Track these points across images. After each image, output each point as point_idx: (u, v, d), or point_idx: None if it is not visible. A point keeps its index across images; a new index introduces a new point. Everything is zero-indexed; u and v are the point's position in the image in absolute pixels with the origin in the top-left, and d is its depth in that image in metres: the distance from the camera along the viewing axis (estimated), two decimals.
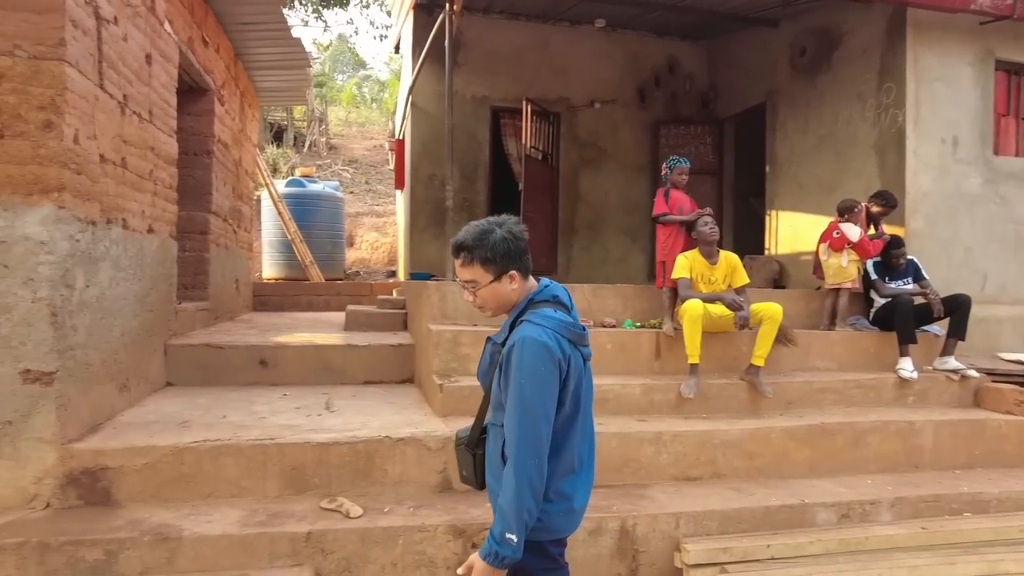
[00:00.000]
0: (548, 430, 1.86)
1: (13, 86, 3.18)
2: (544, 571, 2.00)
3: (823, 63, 7.25)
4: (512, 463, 1.84)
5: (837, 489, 3.98)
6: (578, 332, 1.98)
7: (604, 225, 9.19)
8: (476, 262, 1.96)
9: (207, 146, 6.31)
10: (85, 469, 3.27)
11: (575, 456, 1.97)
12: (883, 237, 5.55)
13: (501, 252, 1.94)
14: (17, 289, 3.18)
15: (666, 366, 4.80)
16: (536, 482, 1.83)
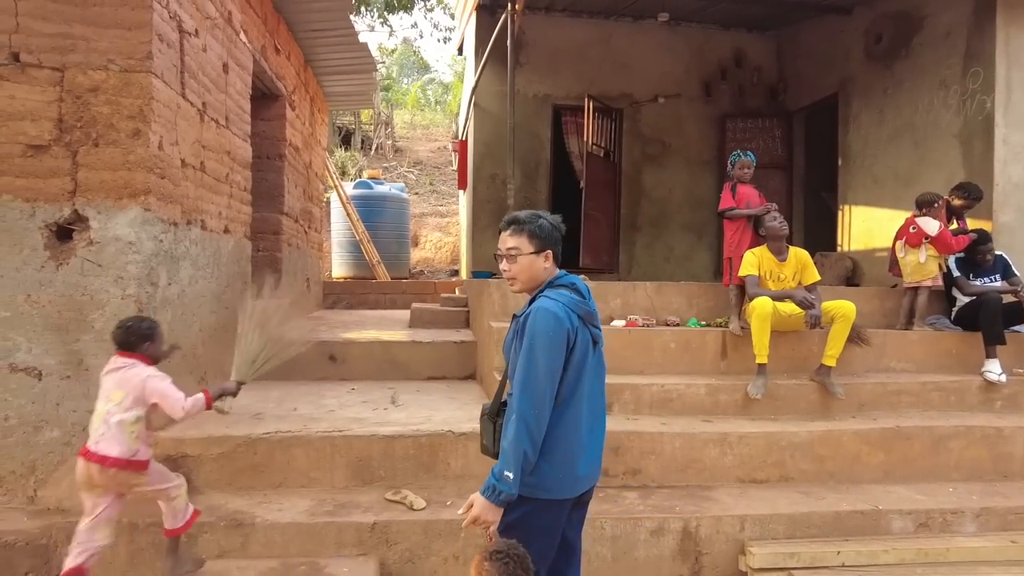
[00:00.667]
0: (550, 388, 2.06)
1: (107, 97, 3.41)
2: (539, 529, 2.13)
3: (901, 49, 6.90)
4: (515, 410, 2.05)
5: (914, 496, 3.80)
6: (588, 311, 2.19)
7: (668, 222, 9.05)
8: (525, 233, 2.22)
9: (279, 150, 6.57)
10: (168, 456, 3.48)
11: (576, 425, 2.14)
12: (967, 233, 5.24)
13: (547, 232, 2.23)
14: (109, 286, 3.41)
15: (732, 366, 4.69)
16: (534, 429, 2.03)
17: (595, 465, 2.26)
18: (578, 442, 2.16)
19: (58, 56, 3.38)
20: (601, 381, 2.27)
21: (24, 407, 3.38)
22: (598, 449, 2.27)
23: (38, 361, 3.38)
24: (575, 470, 2.15)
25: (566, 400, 2.13)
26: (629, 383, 4.30)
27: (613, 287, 5.26)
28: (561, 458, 2.13)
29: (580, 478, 2.19)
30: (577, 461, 2.16)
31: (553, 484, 2.13)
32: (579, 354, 2.13)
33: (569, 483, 2.16)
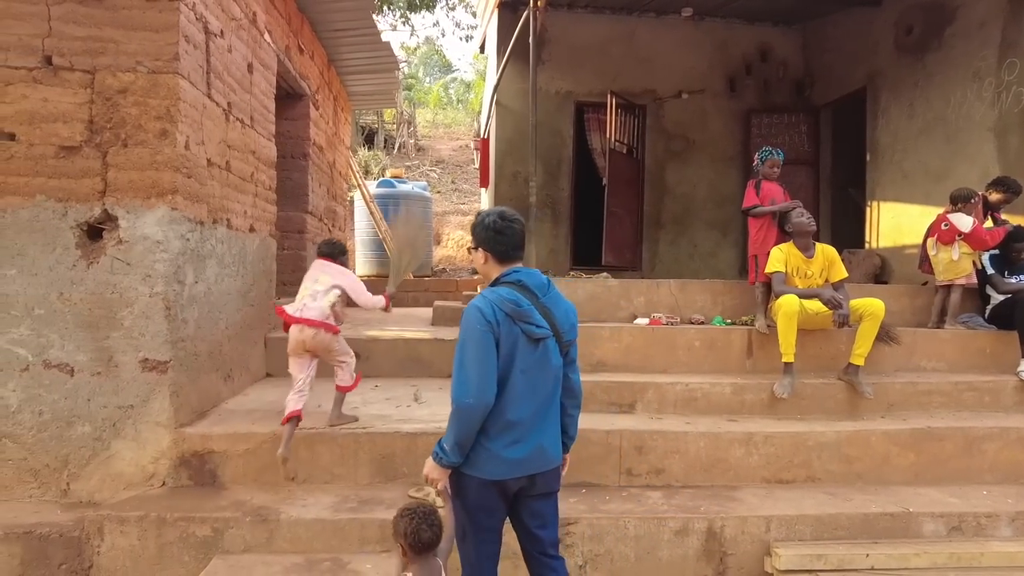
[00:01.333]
0: (478, 376, 2.23)
1: (135, 99, 3.47)
2: (473, 503, 2.34)
3: (932, 41, 6.74)
4: (452, 393, 2.29)
5: (946, 499, 3.71)
6: (518, 309, 2.30)
7: (692, 219, 8.96)
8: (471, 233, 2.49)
9: (303, 149, 6.63)
10: (195, 452, 3.53)
11: (510, 413, 2.29)
12: (1006, 227, 5.10)
13: (478, 231, 2.44)
14: (137, 284, 3.47)
15: (758, 364, 4.63)
16: (463, 412, 2.25)
17: (531, 454, 2.33)
18: (505, 429, 2.29)
19: (89, 59, 3.44)
20: (547, 375, 2.35)
21: (57, 403, 3.46)
22: (536, 439, 2.34)
23: (70, 357, 3.45)
24: (500, 454, 2.29)
25: (499, 391, 2.28)
26: (652, 382, 4.27)
27: (636, 285, 5.22)
28: (487, 441, 2.30)
29: (508, 463, 2.30)
30: (503, 446, 2.29)
31: (480, 464, 2.30)
32: (505, 348, 2.27)
33: (493, 466, 2.30)
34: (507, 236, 2.40)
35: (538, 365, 2.33)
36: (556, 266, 8.41)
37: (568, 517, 3.31)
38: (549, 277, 2.47)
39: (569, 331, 2.44)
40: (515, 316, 2.29)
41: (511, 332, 2.28)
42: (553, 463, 2.43)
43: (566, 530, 3.30)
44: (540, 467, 2.38)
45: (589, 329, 4.62)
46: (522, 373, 2.30)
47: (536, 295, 2.36)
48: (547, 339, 2.34)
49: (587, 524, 3.32)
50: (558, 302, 2.42)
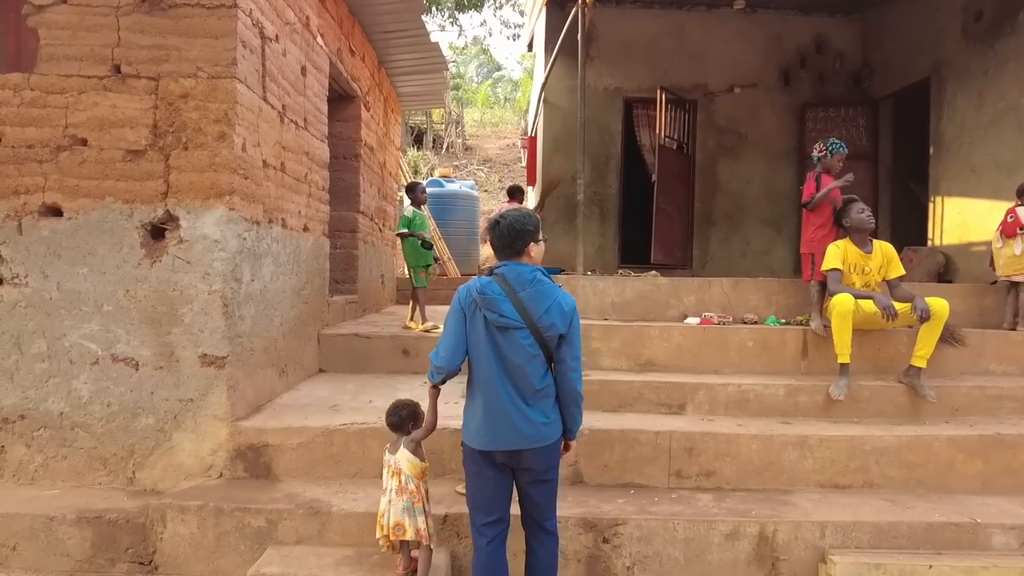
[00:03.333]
0: (445, 342, 2.66)
1: (196, 104, 3.60)
2: (468, 468, 2.76)
3: (1005, 26, 6.40)
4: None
5: (1018, 511, 3.52)
6: (483, 297, 2.60)
7: (744, 216, 8.76)
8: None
9: (355, 150, 6.76)
10: (250, 445, 3.65)
11: (484, 390, 2.63)
12: None
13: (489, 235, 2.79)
14: (197, 282, 3.60)
15: (813, 366, 4.49)
16: (433, 365, 2.69)
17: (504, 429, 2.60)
18: (480, 405, 2.65)
19: (153, 66, 3.59)
20: (515, 361, 2.58)
21: (124, 395, 3.62)
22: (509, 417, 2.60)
23: (135, 352, 3.61)
24: (480, 429, 2.65)
25: (472, 369, 2.68)
26: (704, 383, 4.19)
27: (687, 283, 5.13)
28: (470, 412, 2.70)
29: (483, 436, 2.63)
30: (480, 422, 2.64)
31: (467, 432, 2.71)
32: (471, 328, 2.63)
33: (473, 436, 2.67)
34: (496, 235, 2.71)
35: (505, 350, 2.59)
36: (604, 264, 8.35)
37: (616, 518, 3.29)
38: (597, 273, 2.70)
39: (549, 327, 2.59)
40: (480, 303, 2.60)
41: (477, 316, 2.61)
42: (533, 443, 2.62)
43: (614, 531, 3.27)
44: (517, 443, 2.61)
45: (637, 328, 4.57)
46: (489, 352, 2.60)
47: (514, 289, 2.59)
48: (513, 329, 2.57)
49: (635, 525, 3.28)
50: (539, 298, 2.60)
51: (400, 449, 2.93)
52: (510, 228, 2.67)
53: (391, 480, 2.90)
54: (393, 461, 2.92)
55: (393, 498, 2.87)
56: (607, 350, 4.52)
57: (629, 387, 4.17)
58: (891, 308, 4.04)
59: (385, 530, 2.87)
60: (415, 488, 2.88)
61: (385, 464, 2.96)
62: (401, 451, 2.92)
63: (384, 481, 2.95)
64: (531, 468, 2.67)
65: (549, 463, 2.71)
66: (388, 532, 2.86)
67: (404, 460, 2.90)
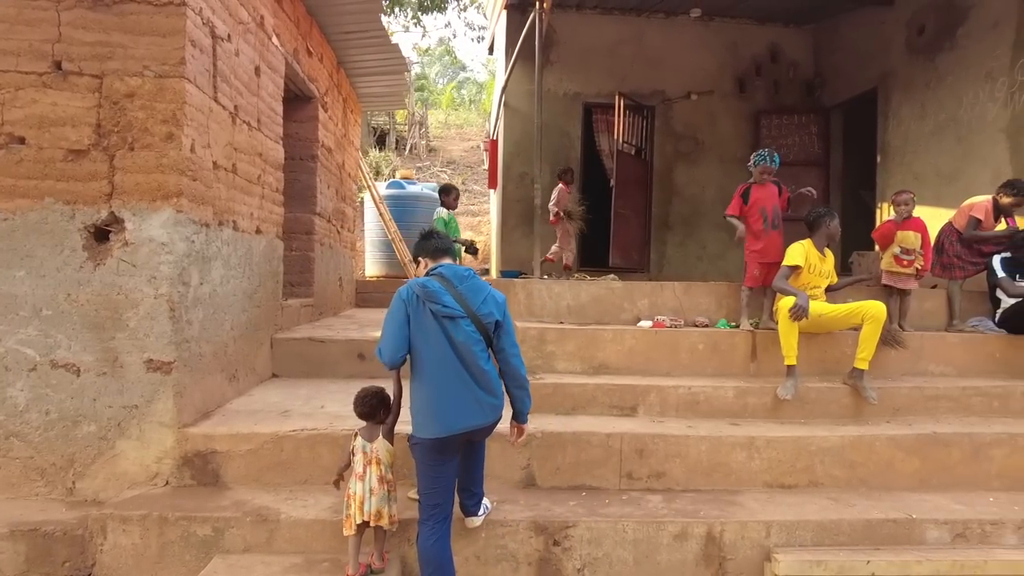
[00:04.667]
0: (389, 337, 2.86)
1: (142, 103, 3.52)
2: (419, 458, 2.91)
3: (945, 41, 6.67)
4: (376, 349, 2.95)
5: (951, 506, 3.67)
6: (426, 291, 2.86)
7: (700, 220, 8.93)
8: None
9: (312, 151, 6.67)
10: (198, 452, 3.57)
11: (437, 378, 2.82)
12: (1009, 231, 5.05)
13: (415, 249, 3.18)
14: (143, 286, 3.52)
15: (762, 368, 4.60)
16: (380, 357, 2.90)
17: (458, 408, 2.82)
18: (432, 397, 2.83)
19: (97, 64, 3.49)
20: (460, 346, 2.82)
21: (63, 402, 3.51)
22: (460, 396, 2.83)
23: (76, 358, 3.51)
24: (434, 419, 2.82)
25: (416, 358, 2.87)
26: (655, 385, 4.26)
27: (640, 287, 5.21)
28: (424, 406, 2.85)
29: (444, 424, 2.81)
30: (433, 412, 2.82)
31: (420, 426, 2.85)
32: (416, 321, 2.85)
33: (431, 428, 2.83)
34: (434, 240, 3.12)
35: (455, 336, 2.83)
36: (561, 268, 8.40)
37: (567, 520, 3.32)
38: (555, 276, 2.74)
39: (487, 315, 2.90)
40: (424, 297, 2.85)
41: (420, 309, 2.85)
42: (487, 419, 2.90)
43: (564, 533, 3.30)
44: (474, 422, 2.86)
45: (592, 332, 4.62)
46: (440, 340, 2.83)
47: (453, 284, 2.91)
48: (458, 318, 2.84)
49: (585, 527, 3.31)
50: (476, 291, 2.94)
51: (379, 438, 3.06)
52: (447, 238, 3.17)
53: (371, 468, 3.00)
54: (371, 449, 3.03)
55: (375, 487, 2.98)
56: (562, 353, 4.55)
57: (583, 390, 4.21)
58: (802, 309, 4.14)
59: (365, 516, 2.95)
60: (392, 477, 3.06)
61: (359, 450, 3.04)
62: (380, 440, 3.06)
63: (357, 466, 3.03)
64: (476, 441, 3.02)
65: (488, 434, 3.04)
66: (368, 518, 2.95)
67: (383, 449, 3.05)
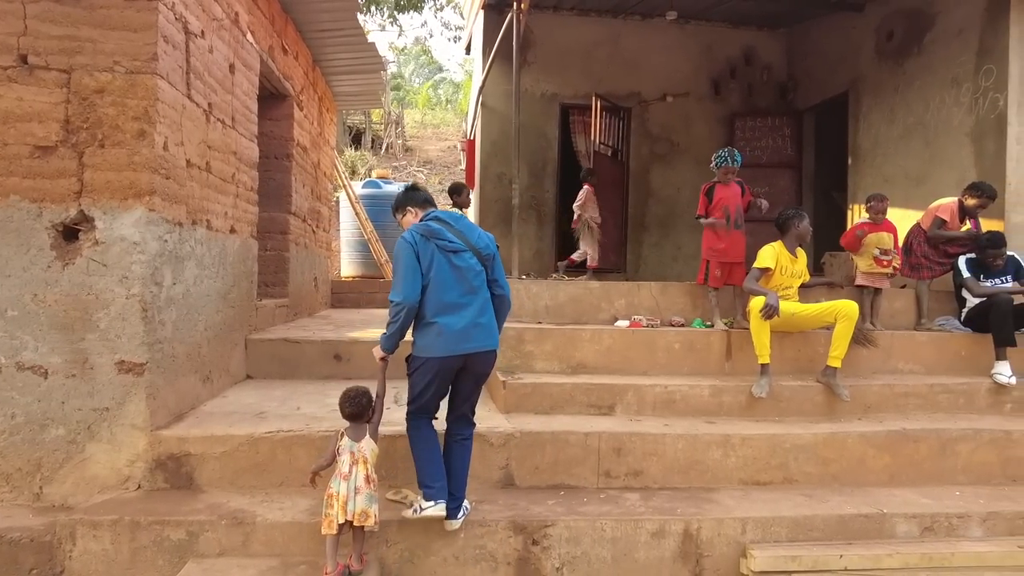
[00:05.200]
0: (403, 280, 3.09)
1: (113, 99, 3.44)
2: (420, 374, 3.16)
3: (913, 47, 6.83)
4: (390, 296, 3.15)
5: (920, 500, 3.75)
6: (429, 229, 3.16)
7: (676, 221, 9.00)
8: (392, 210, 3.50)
9: (287, 150, 6.60)
10: (171, 455, 3.51)
11: (442, 300, 3.10)
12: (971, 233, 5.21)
13: (401, 203, 3.44)
14: (114, 286, 3.44)
15: (737, 367, 4.66)
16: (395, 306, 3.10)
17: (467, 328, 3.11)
18: (442, 320, 3.09)
19: (65, 58, 3.41)
20: (468, 272, 3.14)
21: (30, 405, 3.42)
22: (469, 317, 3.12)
23: (44, 360, 3.42)
24: (438, 339, 3.09)
25: (431, 287, 3.11)
26: (633, 384, 4.29)
27: (618, 287, 5.24)
28: (425, 331, 3.13)
29: (448, 345, 3.09)
30: (438, 334, 3.09)
31: (424, 348, 3.14)
32: (426, 259, 3.11)
33: (435, 348, 3.10)
34: (421, 192, 3.43)
35: (458, 265, 3.13)
36: (541, 267, 8.43)
37: (545, 519, 3.33)
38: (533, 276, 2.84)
39: (485, 247, 3.23)
40: (428, 235, 3.14)
41: (428, 247, 3.12)
42: (488, 345, 3.18)
43: (543, 532, 3.31)
44: (476, 345, 3.13)
45: (570, 332, 4.64)
46: (446, 271, 3.11)
47: (451, 224, 3.22)
48: (461, 251, 3.15)
49: (564, 526, 3.32)
50: (471, 229, 3.28)
51: (366, 438, 3.10)
52: (426, 190, 3.53)
53: (357, 468, 3.02)
54: (357, 449, 3.06)
55: (361, 486, 2.99)
56: (540, 353, 4.56)
57: (561, 389, 4.22)
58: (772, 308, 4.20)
59: (349, 515, 2.95)
60: (376, 477, 3.11)
61: (345, 450, 3.05)
62: (367, 440, 3.10)
63: (343, 466, 3.03)
64: (475, 371, 3.21)
65: (491, 367, 3.29)
66: (353, 518, 2.95)
67: (369, 450, 3.09)
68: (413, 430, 3.25)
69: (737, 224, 4.97)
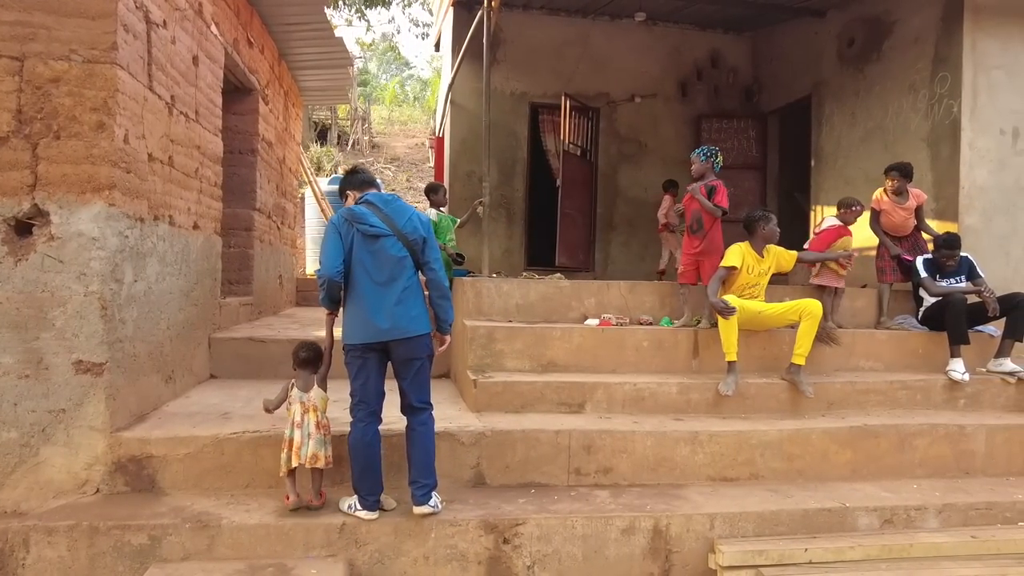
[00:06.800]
0: (326, 256, 3.22)
1: (69, 89, 3.32)
2: (351, 363, 3.26)
3: (873, 53, 7.01)
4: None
5: (880, 493, 3.86)
6: (352, 214, 3.25)
7: (644, 221, 9.07)
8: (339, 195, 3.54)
9: (252, 145, 6.47)
10: (132, 457, 3.41)
11: (361, 292, 3.21)
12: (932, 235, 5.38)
13: (342, 185, 3.50)
14: (71, 283, 3.32)
15: (704, 365, 4.72)
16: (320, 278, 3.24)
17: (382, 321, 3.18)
18: (359, 309, 3.20)
19: (17, 45, 3.28)
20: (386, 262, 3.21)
21: None
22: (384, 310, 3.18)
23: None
24: (357, 326, 3.22)
25: (352, 274, 3.22)
26: (602, 382, 4.31)
27: (587, 286, 5.26)
28: (348, 317, 3.25)
29: (366, 331, 3.19)
30: (357, 320, 3.21)
31: (347, 335, 3.25)
32: (347, 242, 3.21)
33: (356, 335, 3.22)
34: (360, 175, 3.49)
35: (377, 254, 3.21)
36: (510, 266, 8.42)
37: (516, 518, 3.32)
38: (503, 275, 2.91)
39: (412, 232, 3.26)
40: (351, 219, 3.22)
41: (349, 231, 3.21)
42: (404, 333, 3.21)
43: (514, 531, 3.30)
44: (394, 332, 3.19)
45: (540, 330, 4.64)
46: (365, 255, 3.20)
47: (379, 207, 3.27)
48: (383, 236, 3.21)
49: (535, 524, 3.32)
50: (401, 212, 3.30)
51: (315, 388, 3.34)
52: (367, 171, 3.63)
53: (308, 416, 3.26)
54: (307, 399, 3.30)
55: (312, 432, 3.23)
56: (511, 351, 4.55)
57: (531, 388, 4.22)
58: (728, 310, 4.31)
59: (302, 459, 3.19)
60: (327, 421, 3.33)
61: (295, 400, 3.30)
62: (316, 390, 3.34)
63: (294, 415, 3.28)
64: (405, 358, 3.25)
65: (420, 353, 3.29)
66: (305, 461, 3.19)
67: (319, 398, 3.33)
68: (352, 430, 3.25)
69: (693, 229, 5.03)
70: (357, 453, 3.23)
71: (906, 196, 5.51)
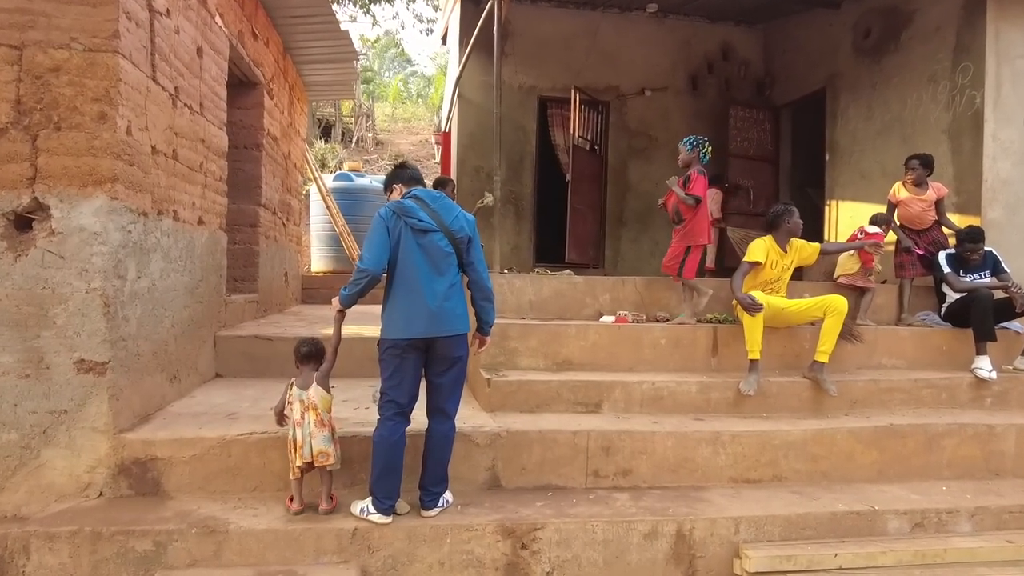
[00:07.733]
0: (370, 250, 3.12)
1: (70, 78, 3.20)
2: (388, 358, 3.14)
3: (890, 44, 6.85)
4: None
5: (909, 496, 3.73)
6: (402, 207, 3.18)
7: (654, 216, 8.91)
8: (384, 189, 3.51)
9: (257, 139, 6.35)
10: (136, 459, 3.29)
11: (408, 286, 3.11)
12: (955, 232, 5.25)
13: (390, 178, 3.45)
14: (72, 280, 3.21)
15: (724, 363, 4.60)
16: (360, 271, 3.12)
17: (427, 315, 3.09)
18: (402, 305, 3.11)
19: (16, 33, 3.16)
20: (434, 257, 3.13)
21: None
22: (430, 304, 3.09)
23: None
24: (401, 321, 3.11)
25: (397, 270, 3.13)
26: (620, 380, 4.18)
27: (602, 282, 5.14)
28: (389, 311, 3.15)
29: (410, 327, 3.09)
30: (401, 315, 3.11)
31: (388, 329, 3.14)
32: (395, 235, 3.13)
33: (398, 330, 3.11)
34: (408, 170, 3.44)
35: (425, 248, 3.13)
36: (520, 262, 8.29)
37: (535, 522, 3.20)
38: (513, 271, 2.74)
39: (459, 230, 3.20)
40: (400, 213, 3.15)
41: (398, 224, 3.14)
42: (448, 331, 3.13)
43: (532, 536, 3.18)
44: (435, 331, 3.10)
45: (555, 327, 4.52)
46: (413, 250, 3.12)
47: (427, 203, 3.21)
48: (431, 231, 3.14)
49: (554, 529, 3.20)
50: (448, 210, 3.24)
51: (313, 386, 3.20)
52: (416, 168, 3.50)
53: (308, 414, 3.14)
54: (306, 397, 3.18)
55: (314, 430, 3.11)
56: (525, 349, 4.43)
57: (547, 387, 4.10)
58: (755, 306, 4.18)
59: (308, 458, 3.09)
60: (330, 420, 3.20)
61: (295, 399, 3.19)
62: (314, 388, 3.20)
63: (294, 414, 3.17)
64: (444, 356, 3.15)
65: (460, 352, 3.20)
66: (312, 459, 3.09)
67: (318, 397, 3.19)
68: (378, 429, 3.15)
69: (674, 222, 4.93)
70: (380, 451, 3.11)
71: (925, 187, 5.37)
